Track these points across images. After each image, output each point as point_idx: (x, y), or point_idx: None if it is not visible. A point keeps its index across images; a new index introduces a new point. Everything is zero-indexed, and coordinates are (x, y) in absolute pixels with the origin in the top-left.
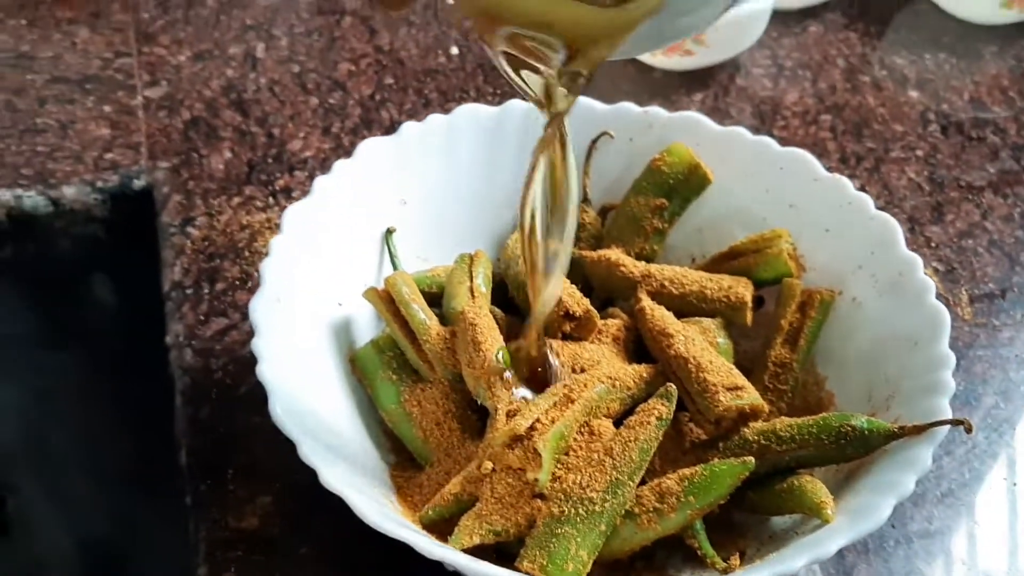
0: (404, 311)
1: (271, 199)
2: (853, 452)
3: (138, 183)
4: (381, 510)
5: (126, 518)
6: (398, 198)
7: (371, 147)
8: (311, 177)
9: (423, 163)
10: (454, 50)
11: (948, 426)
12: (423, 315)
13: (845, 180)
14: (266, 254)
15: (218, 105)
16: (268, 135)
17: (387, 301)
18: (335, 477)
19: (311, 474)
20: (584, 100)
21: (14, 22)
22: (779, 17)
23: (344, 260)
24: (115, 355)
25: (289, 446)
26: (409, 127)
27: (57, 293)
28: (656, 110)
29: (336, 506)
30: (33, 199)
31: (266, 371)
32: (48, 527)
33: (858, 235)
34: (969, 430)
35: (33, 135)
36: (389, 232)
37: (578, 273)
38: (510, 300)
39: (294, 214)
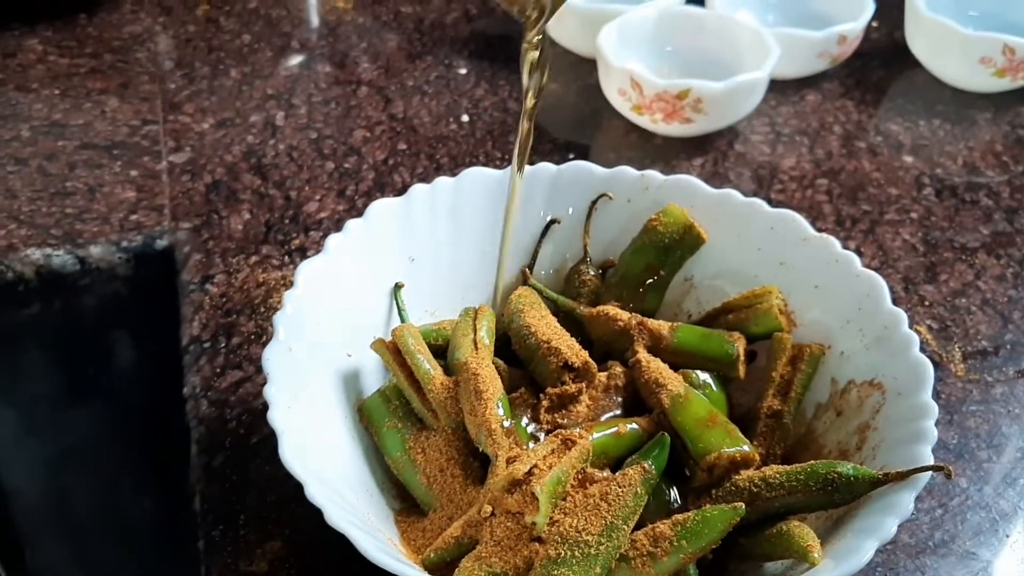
0: (410, 361)
1: (287, 258)
2: (840, 498)
3: (161, 243)
4: (384, 548)
5: (143, 569)
6: (406, 255)
7: (381, 207)
8: (325, 237)
9: (431, 222)
10: (464, 118)
11: (930, 472)
12: (428, 366)
13: (832, 239)
14: (280, 308)
15: (239, 169)
16: (285, 197)
17: (394, 352)
18: (340, 517)
19: (319, 521)
20: (584, 164)
21: (48, 92)
22: (777, 86)
23: (354, 313)
24: (134, 409)
25: (299, 493)
26: (418, 189)
27: (80, 351)
28: (652, 173)
29: (343, 551)
30: (61, 258)
31: (277, 417)
32: None
33: (845, 292)
34: (949, 476)
35: (63, 198)
36: (397, 287)
37: (577, 327)
38: (512, 352)
39: (307, 270)
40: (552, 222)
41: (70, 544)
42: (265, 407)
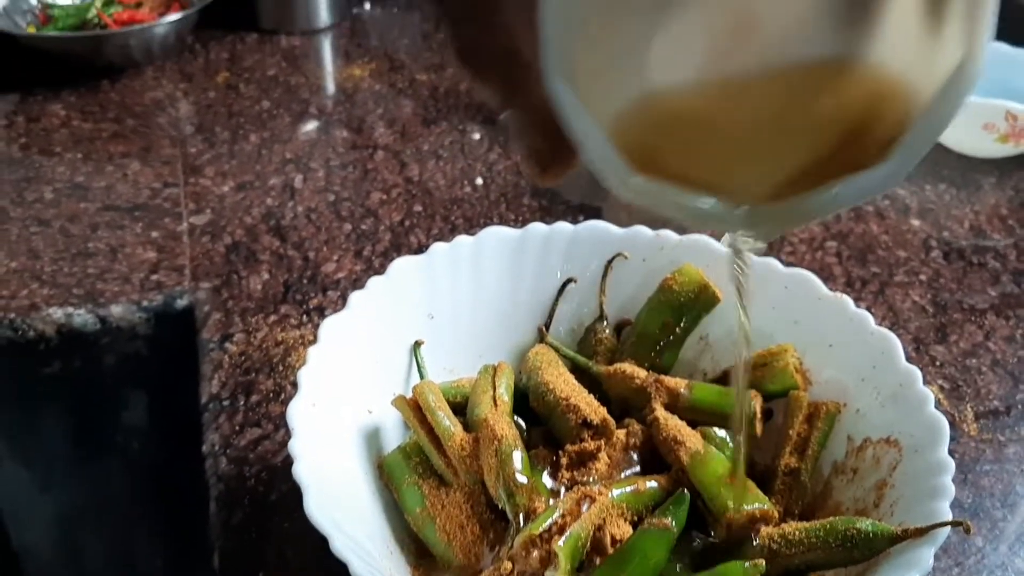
0: (430, 418)
1: (305, 317)
2: (859, 555)
3: (181, 302)
4: None
5: None
6: (426, 312)
7: (402, 265)
8: (343, 296)
9: (450, 280)
10: (479, 181)
11: (949, 528)
12: (448, 422)
13: (846, 298)
14: (301, 366)
15: (258, 231)
16: (304, 258)
17: (414, 408)
18: (365, 571)
19: None
20: (601, 224)
21: (71, 155)
22: None
23: (375, 370)
24: (150, 467)
25: (318, 551)
26: (438, 247)
27: (98, 409)
28: (667, 233)
29: None
30: (82, 317)
31: (301, 471)
32: None
33: (860, 350)
34: (968, 531)
35: (85, 258)
36: (417, 344)
37: (595, 385)
38: (531, 409)
39: (330, 326)
40: (568, 281)
41: None
42: (284, 464)
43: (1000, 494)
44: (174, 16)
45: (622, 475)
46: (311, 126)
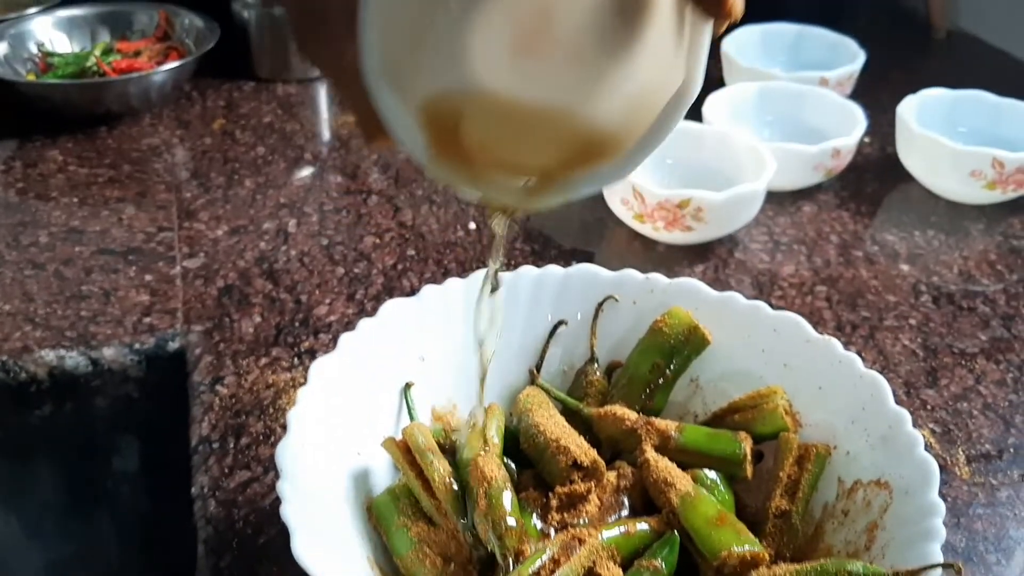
0: (420, 460)
1: (296, 360)
2: None
3: (173, 345)
4: None
5: None
6: (417, 354)
7: (393, 307)
8: (335, 339)
9: (441, 323)
10: (472, 225)
11: (940, 570)
12: (437, 464)
13: (835, 341)
14: (291, 407)
15: (251, 274)
16: (296, 301)
17: (404, 450)
18: None
19: None
20: (591, 267)
21: (67, 200)
22: (774, 198)
23: (365, 411)
24: (140, 514)
25: None
26: (429, 289)
27: (89, 455)
28: (657, 276)
29: None
30: (74, 359)
31: (290, 512)
32: None
33: (849, 392)
34: (959, 573)
35: (78, 301)
36: (408, 386)
37: (585, 427)
38: (521, 452)
39: (320, 367)
40: (559, 323)
41: None
42: (273, 507)
43: (994, 538)
44: (172, 64)
45: (612, 518)
46: (306, 172)
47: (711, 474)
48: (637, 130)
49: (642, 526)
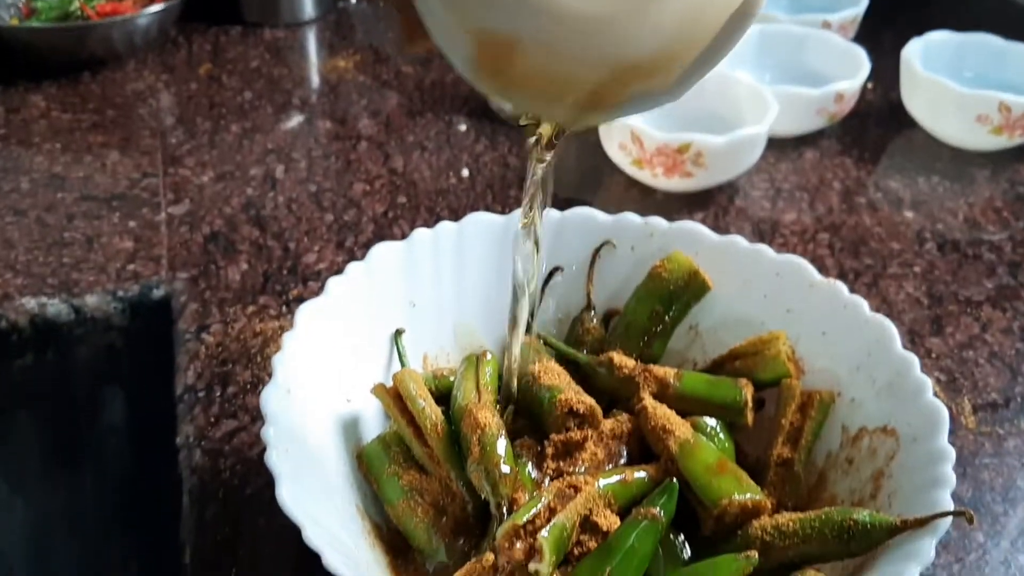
0: (411, 407)
1: (284, 308)
2: (857, 547)
3: (157, 292)
4: None
5: None
6: (408, 300)
7: (383, 251)
8: (324, 287)
9: (433, 267)
10: (464, 172)
11: (951, 518)
12: (429, 411)
13: (840, 284)
14: (277, 352)
15: (237, 221)
16: (284, 249)
17: (395, 397)
18: (339, 562)
19: (314, 573)
20: (588, 211)
21: (49, 146)
22: (775, 144)
23: (353, 357)
24: (124, 468)
25: (292, 546)
26: (420, 233)
27: (72, 407)
28: (656, 220)
29: None
30: (56, 307)
31: (275, 459)
32: None
33: (854, 337)
34: (971, 521)
35: (60, 248)
36: (398, 333)
37: (582, 376)
38: (515, 399)
39: (307, 311)
40: (555, 270)
41: None
42: (260, 457)
43: (1000, 488)
44: (156, 8)
45: (609, 467)
46: (294, 117)
47: (711, 422)
48: (696, 45)
49: (640, 474)
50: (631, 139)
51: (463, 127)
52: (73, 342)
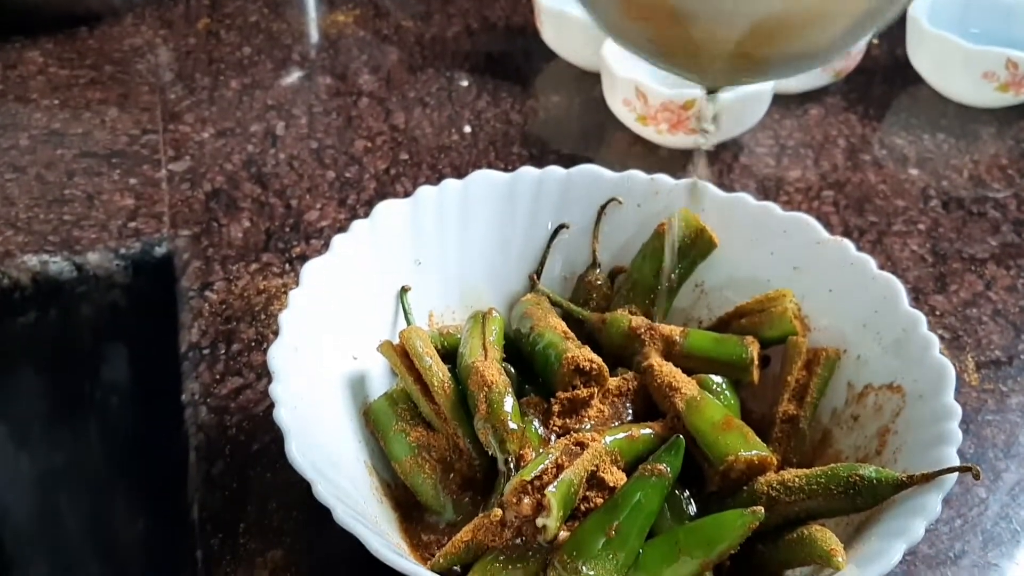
0: (418, 364)
1: (287, 266)
2: (862, 502)
3: (159, 250)
4: (397, 550)
5: None
6: (413, 258)
7: (388, 209)
8: (327, 245)
9: (438, 225)
10: (467, 129)
11: (957, 474)
12: (436, 368)
13: (847, 242)
14: (283, 310)
15: (239, 178)
16: (286, 206)
17: (401, 355)
18: (349, 516)
19: (321, 529)
20: (594, 168)
21: (47, 102)
22: (780, 100)
23: (359, 315)
24: (129, 423)
25: (301, 501)
26: (425, 191)
27: (75, 363)
28: (663, 177)
29: (345, 560)
30: (58, 264)
31: (283, 415)
32: None
33: (861, 295)
34: (977, 476)
35: (61, 205)
36: (404, 290)
37: (588, 334)
38: (521, 358)
39: (312, 269)
40: (561, 227)
41: (59, 564)
42: (266, 414)
43: (1003, 444)
44: None
45: (614, 424)
46: (293, 73)
47: (717, 379)
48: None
49: (646, 431)
50: (635, 95)
51: (465, 83)
52: (76, 300)
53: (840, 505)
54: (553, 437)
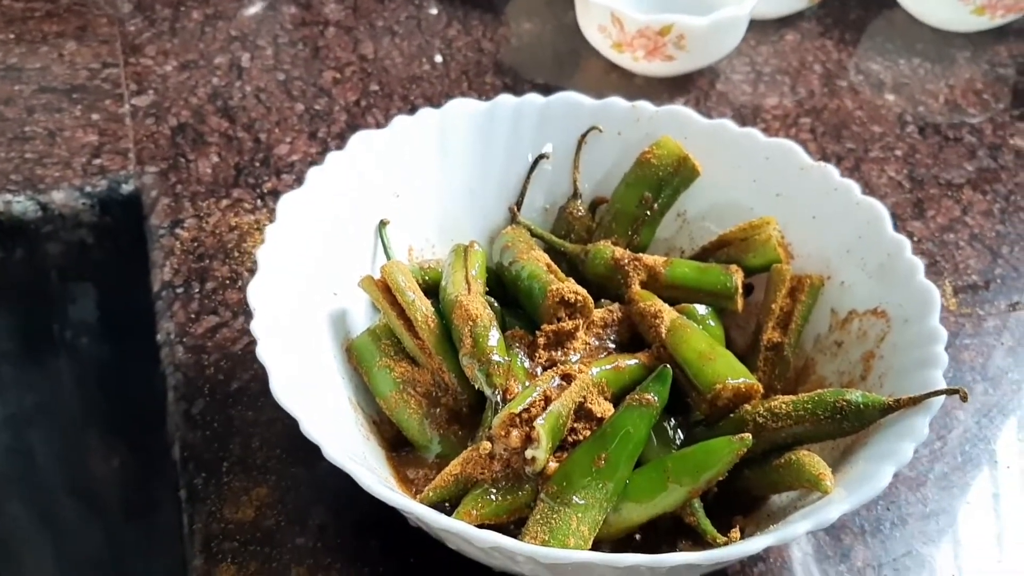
0: (400, 299)
1: (259, 201)
2: (849, 426)
3: (126, 187)
4: (386, 484)
5: (109, 528)
6: (391, 191)
7: (363, 140)
8: (299, 180)
9: (415, 156)
10: (438, 58)
11: (943, 397)
12: (419, 303)
13: (830, 168)
14: (259, 246)
15: (204, 112)
16: (255, 140)
17: (383, 290)
18: (338, 451)
19: (306, 465)
20: (573, 95)
21: (2, 36)
22: (756, 26)
23: (338, 250)
24: (100, 363)
25: (284, 438)
26: (401, 120)
27: (44, 303)
28: (644, 104)
29: (332, 496)
30: (22, 204)
31: (265, 352)
32: (35, 547)
33: (845, 221)
34: (964, 398)
35: (22, 142)
36: (383, 224)
37: (570, 266)
38: (504, 291)
39: (288, 203)
40: (540, 157)
41: (35, 505)
42: (245, 352)
43: (981, 367)
44: None
45: (600, 356)
46: (257, 2)
47: (701, 308)
48: None
49: (632, 361)
50: (611, 21)
51: (434, 11)
52: (42, 239)
53: (827, 430)
54: (539, 370)
